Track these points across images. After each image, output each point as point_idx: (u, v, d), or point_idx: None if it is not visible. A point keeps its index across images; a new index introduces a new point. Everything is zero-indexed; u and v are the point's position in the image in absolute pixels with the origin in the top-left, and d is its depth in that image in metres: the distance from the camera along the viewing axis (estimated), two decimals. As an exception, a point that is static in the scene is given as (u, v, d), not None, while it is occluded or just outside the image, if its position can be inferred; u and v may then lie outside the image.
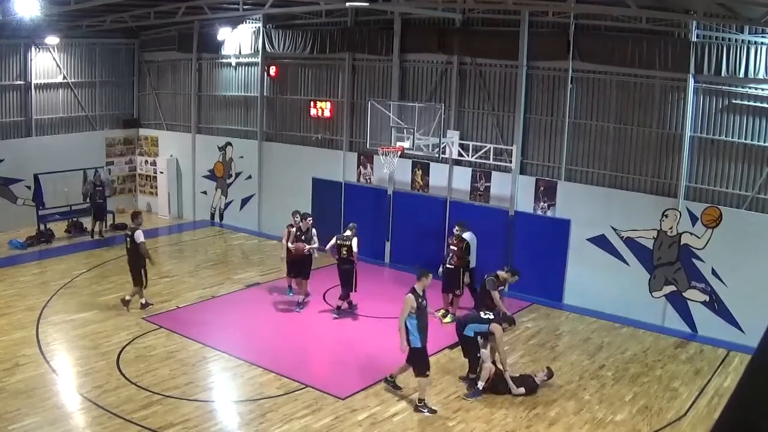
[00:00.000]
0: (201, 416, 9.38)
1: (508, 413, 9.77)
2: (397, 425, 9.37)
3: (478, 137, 15.44)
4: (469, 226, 13.71)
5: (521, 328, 13.06)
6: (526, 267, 14.75)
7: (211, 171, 20.72)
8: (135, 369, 10.68)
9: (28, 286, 14.50)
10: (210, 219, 20.93)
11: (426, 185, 16.45)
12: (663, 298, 13.46)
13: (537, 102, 14.74)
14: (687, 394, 10.56)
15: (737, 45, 12.06)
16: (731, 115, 12.61)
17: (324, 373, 11.50)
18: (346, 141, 17.67)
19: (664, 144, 13.39)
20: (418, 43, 16.04)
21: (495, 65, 15.24)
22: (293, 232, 13.58)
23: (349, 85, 17.52)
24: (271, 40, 18.35)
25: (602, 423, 9.57)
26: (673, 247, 13.26)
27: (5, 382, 10.01)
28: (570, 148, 14.46)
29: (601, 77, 13.91)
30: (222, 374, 10.91)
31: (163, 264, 16.71)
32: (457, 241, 13.20)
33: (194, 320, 12.99)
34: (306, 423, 9.30)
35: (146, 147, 22.11)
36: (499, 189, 15.28)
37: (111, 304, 13.54)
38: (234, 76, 20.01)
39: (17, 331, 12.05)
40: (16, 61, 19.20)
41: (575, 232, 14.36)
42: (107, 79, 21.37)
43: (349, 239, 13.15)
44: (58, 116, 20.31)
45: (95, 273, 15.74)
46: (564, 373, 11.19)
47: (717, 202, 12.85)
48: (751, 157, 12.48)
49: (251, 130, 19.72)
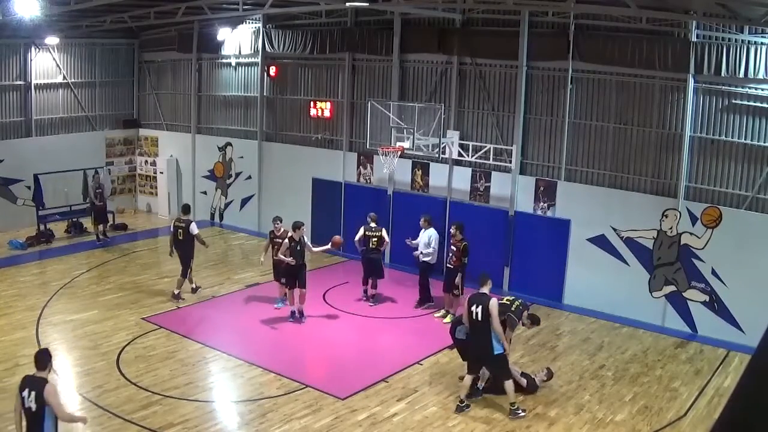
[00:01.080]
0: (201, 416, 9.38)
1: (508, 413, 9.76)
2: (397, 425, 9.37)
3: (478, 137, 15.44)
4: (433, 222, 13.96)
5: (521, 329, 13.02)
6: (526, 267, 14.81)
7: (211, 171, 20.72)
8: (135, 369, 10.68)
9: (28, 286, 14.50)
10: (210, 219, 20.93)
11: (426, 185, 16.45)
12: (663, 298, 13.46)
13: (537, 102, 14.74)
14: (687, 394, 10.56)
15: (737, 45, 12.06)
16: (731, 115, 12.61)
17: (324, 373, 11.50)
18: (346, 141, 17.68)
19: (664, 144, 13.39)
20: (418, 43, 16.04)
21: (495, 65, 15.24)
22: (286, 244, 12.86)
23: (349, 85, 17.52)
24: (271, 40, 18.35)
25: (602, 423, 9.57)
26: (673, 247, 13.26)
27: (5, 382, 10.00)
28: (570, 148, 14.46)
29: (601, 77, 13.91)
30: (222, 374, 10.91)
31: (163, 264, 16.73)
32: (455, 241, 13.19)
33: (194, 320, 13.00)
34: (306, 423, 9.30)
35: (146, 147, 22.11)
36: (499, 189, 15.28)
37: (111, 304, 13.55)
38: (234, 76, 20.01)
39: (17, 331, 12.05)
40: (16, 61, 19.20)
41: (575, 232, 14.36)
42: (107, 79, 21.37)
43: (379, 230, 13.97)
44: (58, 116, 20.31)
45: (95, 273, 15.74)
46: (564, 373, 11.19)
47: (717, 202, 12.85)
48: (751, 157, 12.48)
49: (251, 130, 19.73)
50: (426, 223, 13.87)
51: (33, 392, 7.10)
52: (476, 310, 9.56)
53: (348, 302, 14.10)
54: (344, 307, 13.86)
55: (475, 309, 9.58)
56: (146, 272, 15.90)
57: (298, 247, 12.86)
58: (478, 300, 9.65)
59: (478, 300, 9.66)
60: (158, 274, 15.83)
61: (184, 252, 14.00)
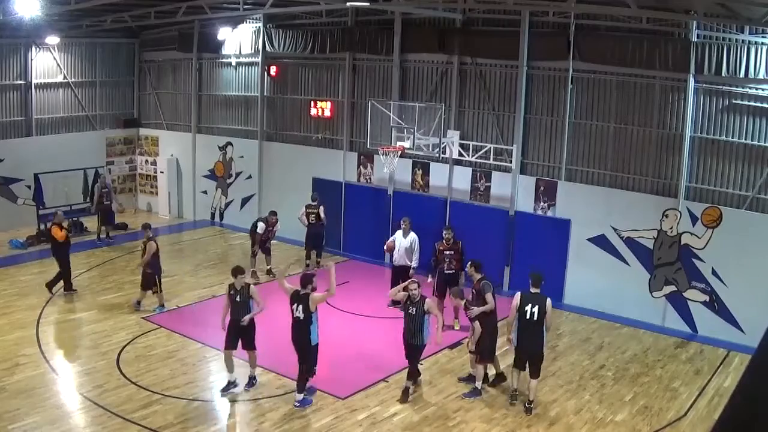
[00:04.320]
0: (201, 416, 9.39)
1: (508, 413, 9.77)
2: (397, 425, 9.37)
3: (478, 137, 15.44)
4: (413, 225, 13.88)
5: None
6: (526, 267, 14.74)
7: (212, 171, 20.72)
8: (135, 369, 10.68)
9: (28, 286, 14.50)
10: (210, 219, 20.94)
11: (426, 185, 16.45)
12: (663, 298, 13.46)
13: (537, 102, 14.74)
14: (687, 394, 10.56)
15: (737, 45, 12.06)
16: (731, 115, 12.61)
17: (324, 373, 11.48)
18: (346, 141, 17.68)
19: (665, 144, 13.39)
20: (418, 43, 16.04)
21: (495, 65, 15.24)
22: (231, 297, 10.27)
23: (350, 85, 17.52)
24: (272, 39, 18.35)
25: (602, 423, 9.57)
26: (673, 247, 13.25)
27: (5, 382, 10.01)
28: (570, 148, 14.46)
29: (601, 77, 13.91)
30: (222, 374, 10.88)
31: (163, 263, 16.71)
32: (449, 244, 12.89)
33: (194, 320, 12.99)
34: (306, 423, 9.30)
35: (146, 147, 22.11)
36: (499, 189, 15.28)
37: (111, 304, 13.56)
38: (234, 75, 20.01)
39: (17, 330, 12.05)
40: (16, 60, 19.21)
41: (575, 232, 14.36)
42: (107, 79, 21.37)
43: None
44: (58, 116, 20.32)
45: (95, 273, 15.75)
46: (564, 373, 11.20)
47: (717, 202, 12.85)
48: (751, 157, 12.48)
49: (251, 129, 19.73)
50: (407, 226, 13.80)
51: (300, 305, 9.36)
52: (532, 309, 9.62)
53: (348, 302, 14.09)
54: (344, 307, 13.85)
55: (530, 309, 9.63)
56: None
57: (238, 298, 10.12)
58: (534, 300, 9.71)
59: (534, 300, 9.72)
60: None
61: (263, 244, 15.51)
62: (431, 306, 10.05)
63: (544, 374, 11.06)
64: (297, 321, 9.54)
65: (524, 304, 9.69)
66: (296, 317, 9.53)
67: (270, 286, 15.12)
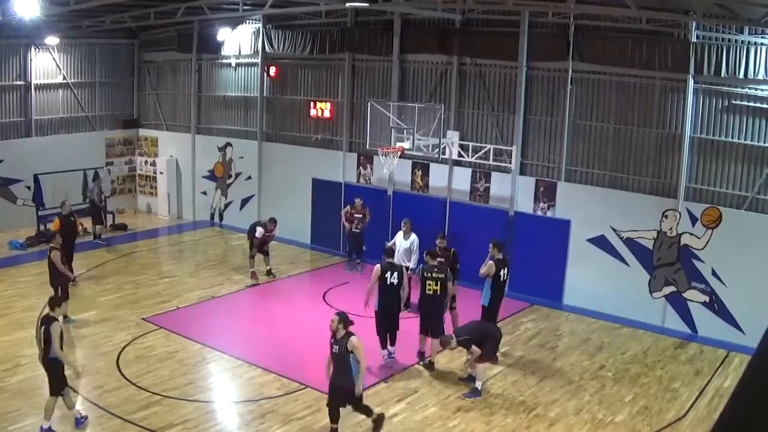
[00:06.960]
0: (201, 417, 9.38)
1: (507, 413, 9.77)
2: (397, 425, 9.37)
3: (477, 138, 15.43)
4: (414, 227, 13.83)
5: (521, 329, 13.06)
6: (526, 268, 14.78)
7: (211, 171, 20.72)
8: (135, 369, 10.67)
9: (28, 286, 14.48)
10: (210, 219, 20.93)
11: (426, 186, 16.45)
12: (663, 298, 13.46)
13: (537, 102, 14.75)
14: (687, 395, 10.56)
15: (737, 45, 12.06)
16: (731, 115, 12.61)
17: (324, 374, 11.47)
18: (346, 141, 17.67)
19: (664, 144, 13.40)
20: (418, 43, 16.04)
21: (495, 66, 15.24)
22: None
23: (349, 85, 17.52)
24: (271, 40, 18.35)
25: (602, 423, 9.57)
26: (673, 247, 13.26)
27: (5, 382, 10.01)
28: (570, 148, 14.46)
29: (601, 77, 13.92)
30: (222, 374, 10.91)
31: (162, 264, 16.73)
32: (440, 252, 12.39)
33: (194, 320, 12.99)
34: (306, 423, 9.30)
35: (146, 147, 22.10)
36: (498, 189, 15.28)
37: (111, 304, 13.55)
38: (234, 76, 20.01)
39: (17, 331, 12.04)
40: (16, 61, 19.20)
41: (575, 233, 14.36)
42: (107, 80, 21.37)
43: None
44: (58, 116, 20.31)
45: (95, 273, 15.74)
46: (564, 373, 11.20)
47: (717, 202, 12.85)
48: (751, 158, 12.48)
49: (251, 130, 19.73)
50: (407, 227, 13.75)
51: (395, 273, 10.98)
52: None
53: (348, 302, 14.07)
54: (344, 307, 13.82)
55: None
56: (146, 272, 15.90)
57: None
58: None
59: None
60: (158, 274, 15.84)
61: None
62: (355, 346, 8.59)
63: (544, 374, 11.11)
64: (392, 286, 11.05)
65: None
66: (391, 283, 11.03)
67: (270, 287, 15.17)
